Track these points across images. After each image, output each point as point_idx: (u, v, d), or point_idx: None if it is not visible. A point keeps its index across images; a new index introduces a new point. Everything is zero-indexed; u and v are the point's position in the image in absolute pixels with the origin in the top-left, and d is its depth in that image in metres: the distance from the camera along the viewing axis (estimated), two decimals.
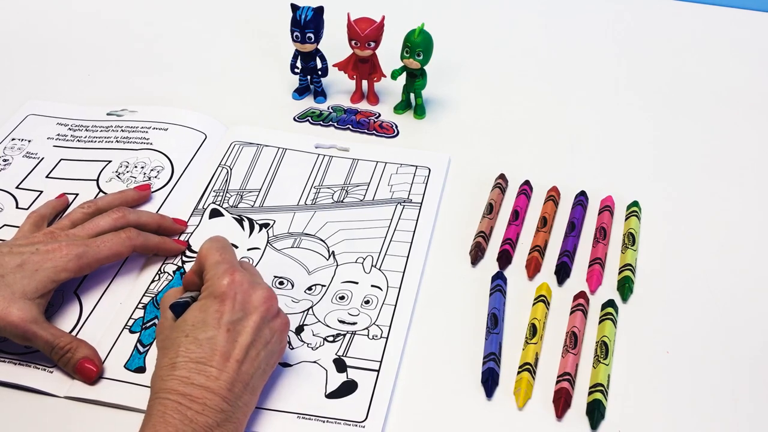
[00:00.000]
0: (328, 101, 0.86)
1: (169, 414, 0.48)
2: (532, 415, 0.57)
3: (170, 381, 0.50)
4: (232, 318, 0.52)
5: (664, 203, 0.74)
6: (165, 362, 0.51)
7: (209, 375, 0.50)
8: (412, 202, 0.73)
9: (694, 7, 1.04)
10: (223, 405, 0.50)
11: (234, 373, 0.51)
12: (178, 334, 0.52)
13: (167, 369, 0.51)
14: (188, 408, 0.49)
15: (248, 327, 0.53)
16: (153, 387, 0.51)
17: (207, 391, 0.50)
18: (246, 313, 0.53)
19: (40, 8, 1.01)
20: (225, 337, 0.51)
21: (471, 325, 0.62)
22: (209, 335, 0.51)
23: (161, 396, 0.50)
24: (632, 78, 0.91)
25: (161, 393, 0.50)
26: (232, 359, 0.51)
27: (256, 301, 0.54)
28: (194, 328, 0.52)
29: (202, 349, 0.51)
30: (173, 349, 0.52)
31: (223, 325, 0.52)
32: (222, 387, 0.50)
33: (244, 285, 0.54)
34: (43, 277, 0.58)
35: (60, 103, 0.84)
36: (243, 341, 0.52)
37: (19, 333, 0.56)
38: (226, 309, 0.52)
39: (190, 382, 0.50)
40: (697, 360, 0.60)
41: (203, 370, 0.50)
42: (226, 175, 0.76)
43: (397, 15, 0.84)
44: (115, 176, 0.74)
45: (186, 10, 1.02)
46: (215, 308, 0.52)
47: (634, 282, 0.66)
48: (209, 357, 0.51)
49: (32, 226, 0.65)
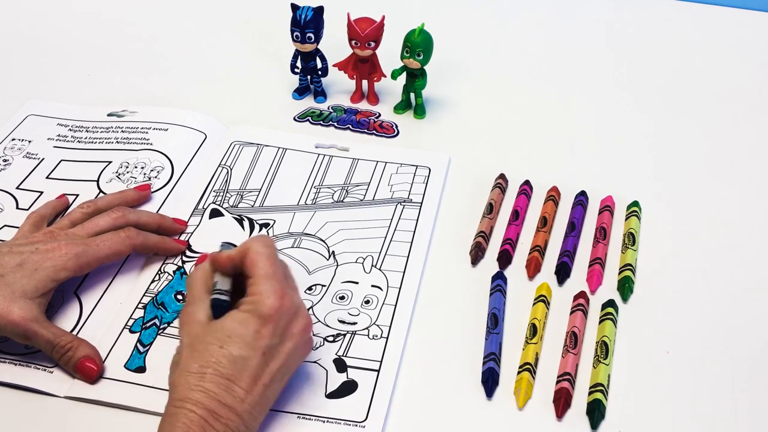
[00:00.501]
0: (328, 101, 0.86)
1: (193, 429, 0.48)
2: (532, 415, 0.57)
3: (197, 392, 0.49)
4: (270, 343, 0.51)
5: (664, 203, 0.74)
6: (194, 367, 0.50)
7: (236, 395, 0.50)
8: (412, 202, 0.73)
9: (694, 7, 1.04)
10: (242, 428, 0.50)
11: (259, 396, 0.51)
12: (212, 341, 0.51)
13: (196, 377, 0.50)
14: (211, 427, 0.48)
15: (282, 353, 0.52)
16: (176, 390, 0.50)
17: (232, 412, 0.49)
18: (283, 339, 0.52)
19: (40, 8, 1.01)
20: (259, 361, 0.51)
21: (471, 325, 0.62)
22: (244, 354, 0.51)
23: (187, 407, 0.49)
24: (632, 78, 0.91)
25: (187, 403, 0.49)
26: (260, 383, 0.51)
27: (296, 330, 0.53)
28: (230, 342, 0.51)
29: (235, 366, 0.50)
30: (204, 357, 0.50)
31: (259, 348, 0.51)
32: (246, 410, 0.50)
33: (289, 311, 0.53)
34: (43, 276, 0.58)
35: (60, 104, 0.84)
36: (273, 366, 0.52)
37: (20, 332, 0.56)
38: (266, 333, 0.51)
39: (217, 399, 0.49)
40: (697, 360, 0.60)
41: (231, 389, 0.50)
42: (226, 175, 0.76)
43: (397, 15, 0.84)
44: (115, 177, 0.74)
45: (186, 10, 1.02)
46: (256, 329, 0.51)
47: (634, 282, 0.66)
48: (239, 376, 0.50)
49: (32, 226, 0.65)
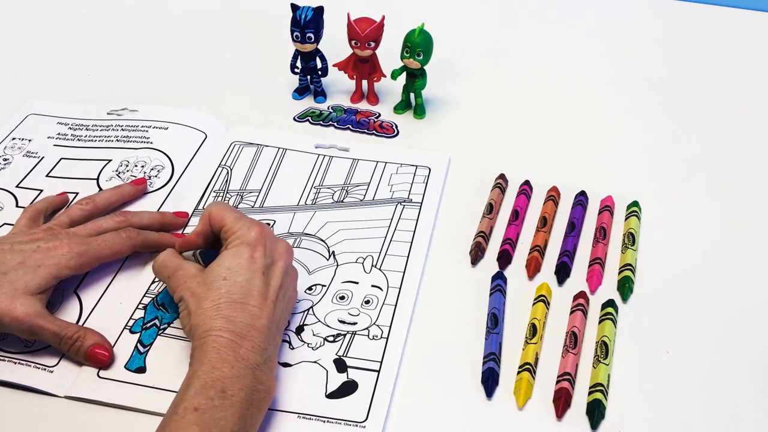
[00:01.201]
0: (328, 101, 0.86)
1: (224, 351, 0.51)
2: (532, 415, 0.57)
3: (218, 320, 0.53)
4: (264, 263, 0.57)
5: (664, 203, 0.74)
6: (207, 304, 0.54)
7: (252, 314, 0.54)
8: (412, 202, 0.73)
9: (694, 7, 1.05)
10: (265, 343, 0.54)
11: (271, 312, 0.55)
12: (215, 278, 0.55)
13: (212, 310, 0.54)
14: (240, 346, 0.52)
15: (277, 272, 0.57)
16: (198, 329, 0.53)
17: (253, 329, 0.53)
18: (274, 259, 0.58)
19: (40, 8, 1.01)
20: (261, 280, 0.56)
21: (471, 325, 0.62)
22: (247, 277, 0.55)
23: (213, 333, 0.52)
24: (632, 78, 0.91)
25: (213, 331, 0.52)
26: (268, 299, 0.55)
27: (281, 250, 0.59)
28: (231, 272, 0.55)
29: (243, 290, 0.55)
30: (213, 292, 0.55)
31: (258, 268, 0.56)
32: (264, 325, 0.54)
33: (270, 235, 0.59)
34: (46, 273, 0.59)
35: (60, 103, 0.84)
36: (275, 284, 0.57)
37: (24, 327, 0.57)
38: (259, 255, 0.57)
39: (237, 320, 0.53)
40: (697, 360, 0.60)
41: (245, 309, 0.54)
42: (227, 176, 0.76)
43: (397, 15, 0.84)
44: (115, 175, 0.74)
45: (186, 10, 1.02)
46: (249, 254, 0.56)
47: (634, 282, 0.66)
48: (248, 297, 0.55)
49: (29, 220, 0.65)
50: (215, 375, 0.50)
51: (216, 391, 0.50)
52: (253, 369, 0.52)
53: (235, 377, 0.51)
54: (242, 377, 0.51)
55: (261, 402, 0.52)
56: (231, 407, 0.49)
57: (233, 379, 0.50)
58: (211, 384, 0.50)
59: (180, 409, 0.49)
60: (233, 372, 0.51)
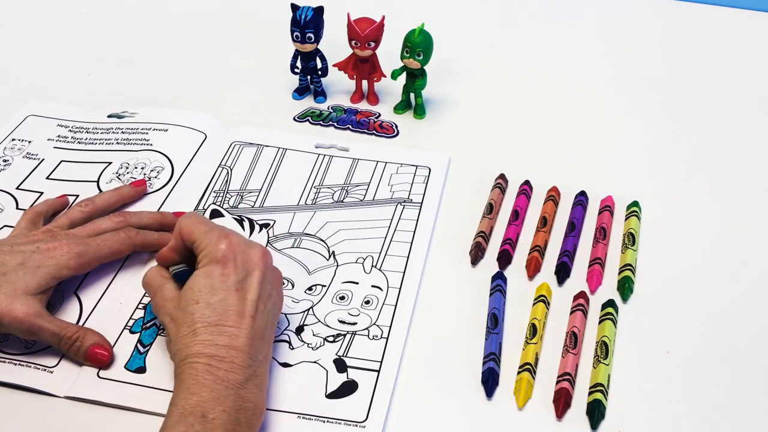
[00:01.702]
0: (328, 101, 0.86)
1: (201, 376, 0.50)
2: (532, 415, 0.57)
3: (195, 346, 0.52)
4: (237, 278, 0.54)
5: (664, 203, 0.74)
6: (183, 331, 0.53)
7: (230, 335, 0.52)
8: (413, 202, 0.73)
9: (694, 7, 1.04)
10: (249, 361, 0.52)
11: (250, 328, 0.53)
12: (188, 303, 0.54)
13: (188, 337, 0.53)
14: (218, 368, 0.51)
15: (253, 283, 0.55)
16: (177, 356, 0.53)
17: (232, 350, 0.52)
18: (248, 271, 0.55)
19: (40, 8, 1.01)
20: (236, 297, 0.54)
21: (471, 325, 0.62)
22: (220, 297, 0.53)
23: (190, 360, 0.51)
24: (632, 78, 0.91)
25: (189, 358, 0.52)
26: (246, 316, 0.53)
27: (255, 258, 0.56)
28: (203, 294, 0.54)
29: (217, 311, 0.53)
30: (188, 318, 0.53)
31: (231, 286, 0.54)
32: (244, 343, 0.52)
33: (241, 245, 0.56)
34: (45, 274, 0.59)
35: (60, 104, 0.84)
36: (252, 297, 0.54)
37: (24, 328, 0.57)
38: (230, 270, 0.54)
39: (214, 344, 0.52)
40: (697, 360, 0.60)
41: (223, 331, 0.52)
42: (227, 176, 0.76)
43: (397, 15, 0.84)
44: (115, 177, 0.74)
45: (186, 10, 1.02)
46: (219, 272, 0.54)
47: (634, 282, 0.66)
48: (225, 318, 0.53)
49: (29, 222, 0.65)
50: (194, 401, 0.49)
51: (196, 417, 0.49)
52: (235, 389, 0.51)
53: (215, 399, 0.50)
54: (223, 399, 0.50)
55: (250, 419, 0.51)
56: (214, 430, 0.49)
57: (213, 401, 0.49)
58: (191, 410, 0.49)
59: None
60: (213, 395, 0.50)
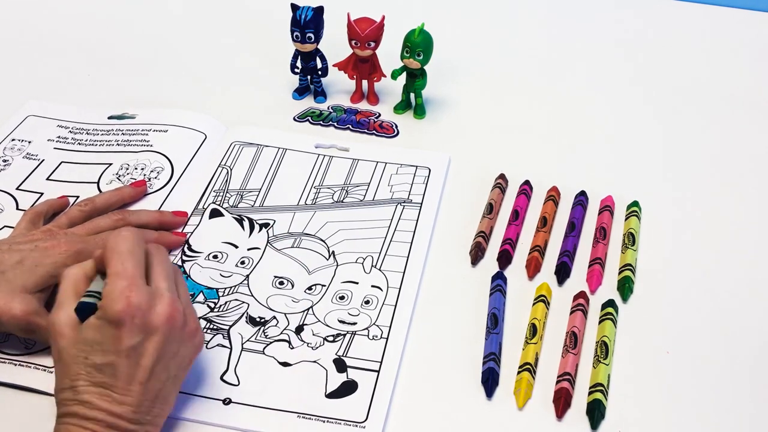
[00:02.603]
0: (328, 101, 0.86)
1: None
2: (532, 415, 0.57)
3: (73, 406, 0.49)
4: (131, 343, 0.49)
5: (664, 203, 0.74)
6: (66, 383, 0.50)
7: (113, 399, 0.49)
8: (412, 202, 0.73)
9: (694, 7, 1.04)
10: (130, 426, 0.49)
11: (139, 394, 0.50)
12: (78, 353, 0.50)
13: (69, 392, 0.49)
14: (86, 429, 0.48)
15: (150, 348, 0.50)
16: (57, 405, 0.50)
17: (109, 415, 0.49)
18: (147, 333, 0.50)
19: (41, 8, 1.01)
20: (125, 363, 0.49)
21: (471, 325, 0.62)
22: (108, 361, 0.49)
23: (65, 421, 0.49)
24: (632, 78, 0.91)
25: (66, 417, 0.49)
26: (135, 382, 0.50)
27: (157, 321, 0.50)
28: (93, 351, 0.49)
29: (103, 374, 0.49)
30: (73, 369, 0.50)
31: (122, 351, 0.49)
32: (127, 410, 0.49)
33: (142, 307, 0.50)
34: (43, 273, 0.59)
35: (61, 105, 0.84)
36: (146, 363, 0.50)
37: (22, 326, 0.57)
38: (123, 335, 0.49)
39: (93, 407, 0.49)
40: (697, 360, 0.60)
41: (105, 394, 0.49)
42: (227, 175, 0.76)
43: (397, 15, 0.84)
44: (115, 178, 0.74)
45: (186, 10, 1.02)
46: (111, 333, 0.49)
47: (634, 282, 0.66)
48: (110, 382, 0.49)
49: (28, 223, 0.65)
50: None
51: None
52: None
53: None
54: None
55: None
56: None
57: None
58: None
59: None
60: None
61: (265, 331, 0.62)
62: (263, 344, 0.61)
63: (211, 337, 0.61)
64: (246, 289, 0.65)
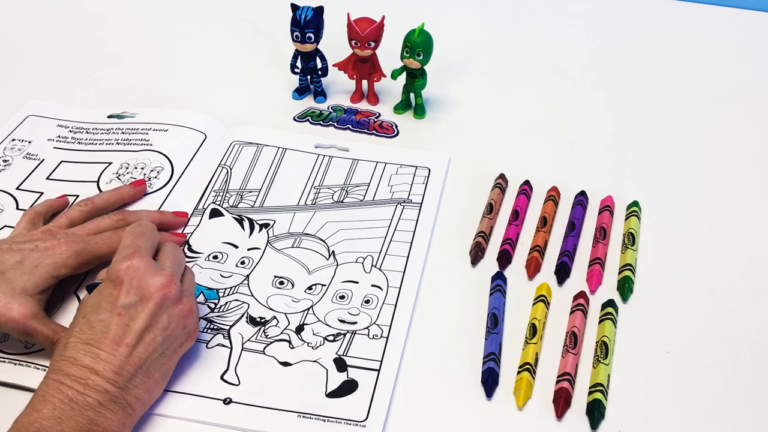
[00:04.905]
0: (328, 101, 0.86)
1: (50, 393, 0.50)
2: (532, 415, 0.57)
3: (59, 362, 0.51)
4: (125, 302, 0.53)
5: (664, 203, 0.74)
6: (62, 342, 0.53)
7: (96, 356, 0.51)
8: (412, 202, 0.73)
9: (694, 7, 1.05)
10: (107, 386, 0.51)
11: (124, 357, 0.52)
12: (78, 315, 0.54)
13: (60, 349, 0.52)
14: (69, 387, 0.50)
15: (142, 313, 0.53)
16: None
17: (90, 372, 0.51)
18: (141, 298, 0.54)
19: (40, 8, 1.01)
20: (117, 321, 0.52)
21: (471, 325, 0.62)
22: (101, 318, 0.53)
23: (48, 376, 0.51)
24: (632, 78, 0.91)
25: (49, 373, 0.51)
26: (122, 344, 0.52)
27: (152, 287, 0.54)
28: (90, 310, 0.53)
29: (94, 330, 0.52)
30: (70, 330, 0.53)
31: (116, 308, 0.53)
32: (107, 369, 0.51)
33: (140, 270, 0.54)
34: (43, 273, 0.59)
35: (61, 105, 0.84)
36: (136, 326, 0.53)
37: (19, 328, 0.57)
38: (120, 293, 0.53)
39: (76, 363, 0.51)
40: (697, 360, 0.60)
41: (91, 351, 0.51)
42: (226, 175, 0.76)
43: (397, 15, 0.84)
44: (115, 177, 0.74)
45: (186, 10, 1.02)
46: (109, 291, 0.54)
47: (634, 282, 0.66)
48: (99, 339, 0.52)
49: (28, 223, 0.65)
50: (33, 417, 0.49)
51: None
52: (82, 410, 0.49)
53: (56, 418, 0.48)
54: (66, 419, 0.49)
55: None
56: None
57: (52, 420, 0.48)
58: (26, 427, 0.48)
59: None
60: (54, 413, 0.49)
61: (266, 330, 0.62)
62: (263, 344, 0.61)
63: (212, 337, 0.61)
64: (246, 289, 0.65)
